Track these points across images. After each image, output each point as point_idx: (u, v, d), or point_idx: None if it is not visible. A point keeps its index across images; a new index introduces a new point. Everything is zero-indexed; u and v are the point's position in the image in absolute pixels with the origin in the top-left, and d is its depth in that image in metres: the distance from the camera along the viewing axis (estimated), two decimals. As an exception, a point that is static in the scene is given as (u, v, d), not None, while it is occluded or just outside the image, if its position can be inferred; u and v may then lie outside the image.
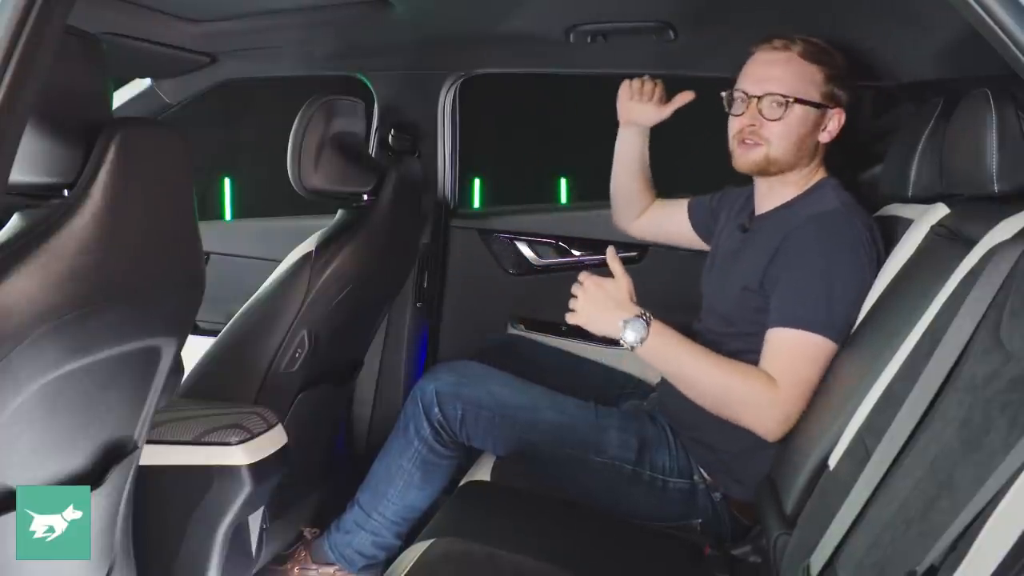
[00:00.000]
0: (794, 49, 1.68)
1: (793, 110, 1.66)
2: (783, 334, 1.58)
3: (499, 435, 1.77)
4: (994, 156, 1.28)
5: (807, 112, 1.67)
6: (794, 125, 1.67)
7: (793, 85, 1.67)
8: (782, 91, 1.66)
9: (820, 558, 1.19)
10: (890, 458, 1.13)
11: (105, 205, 0.97)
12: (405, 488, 1.85)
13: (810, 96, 1.67)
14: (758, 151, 1.70)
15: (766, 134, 1.68)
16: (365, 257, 1.88)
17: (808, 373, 1.56)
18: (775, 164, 1.70)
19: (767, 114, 1.67)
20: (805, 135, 1.69)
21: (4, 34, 0.85)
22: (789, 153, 1.69)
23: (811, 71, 1.67)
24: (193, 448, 1.42)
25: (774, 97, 1.66)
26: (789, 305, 1.59)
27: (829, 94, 1.69)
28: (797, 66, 1.67)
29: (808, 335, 1.56)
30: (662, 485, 1.75)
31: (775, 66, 1.68)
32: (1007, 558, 0.85)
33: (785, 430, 1.56)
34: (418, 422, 1.81)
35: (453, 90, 2.44)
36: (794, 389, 1.55)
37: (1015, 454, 0.89)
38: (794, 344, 1.57)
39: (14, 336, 0.89)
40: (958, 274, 1.20)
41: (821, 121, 1.69)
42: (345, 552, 1.89)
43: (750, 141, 1.70)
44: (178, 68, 2.32)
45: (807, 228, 1.64)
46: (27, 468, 1.01)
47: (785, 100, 1.66)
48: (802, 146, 1.69)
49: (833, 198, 1.69)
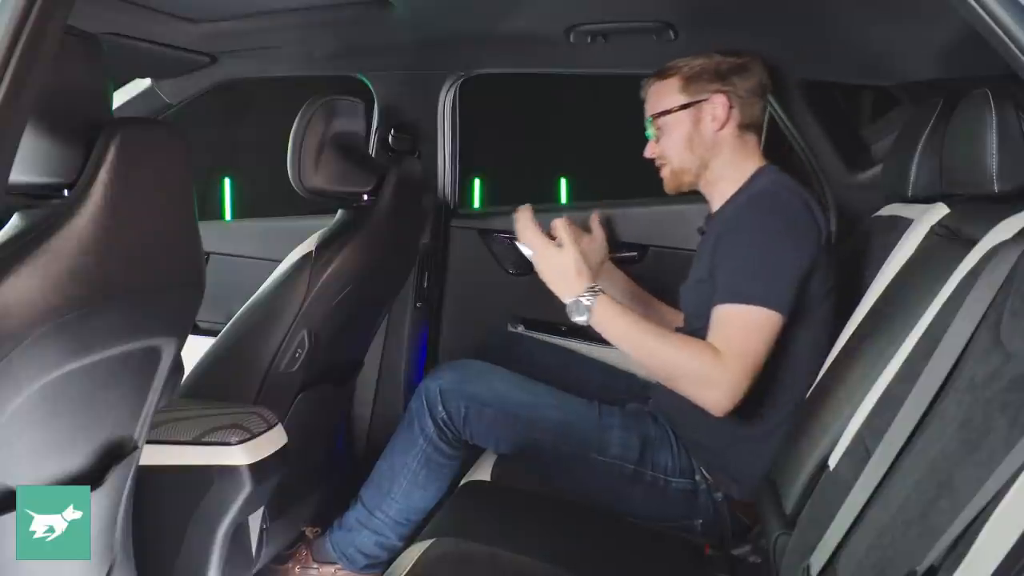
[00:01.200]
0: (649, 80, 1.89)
1: (663, 124, 1.84)
2: (724, 309, 1.62)
3: (502, 432, 1.77)
4: (994, 156, 1.28)
5: (675, 118, 1.82)
6: (672, 134, 1.83)
7: (654, 106, 1.86)
8: (649, 114, 1.87)
9: (820, 558, 1.19)
10: (890, 458, 1.13)
11: (105, 205, 0.97)
12: (409, 487, 1.85)
13: (671, 105, 1.82)
14: (665, 171, 1.87)
15: (662, 153, 1.86)
16: (365, 257, 1.88)
17: (752, 345, 1.59)
18: (685, 172, 1.84)
19: (654, 138, 1.86)
20: (689, 135, 1.82)
21: (4, 34, 0.85)
22: (686, 157, 1.83)
23: (664, 86, 1.84)
24: (193, 448, 1.42)
25: (649, 121, 1.87)
26: (729, 282, 1.64)
27: (691, 91, 1.81)
28: (655, 90, 1.87)
29: (749, 308, 1.59)
30: (664, 485, 1.75)
31: (646, 100, 1.89)
32: (1007, 558, 0.85)
33: (733, 402, 1.59)
34: (422, 420, 1.81)
35: (453, 90, 2.44)
36: (739, 360, 1.58)
37: (1015, 454, 0.89)
38: (735, 318, 1.61)
39: (14, 336, 0.89)
40: (958, 274, 1.20)
41: (698, 115, 1.80)
42: (347, 551, 1.89)
43: (659, 165, 1.88)
44: (178, 68, 2.32)
45: (741, 209, 1.73)
46: (27, 468, 1.01)
47: (652, 119, 1.85)
48: (694, 145, 1.82)
49: (767, 182, 1.76)
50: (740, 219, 1.70)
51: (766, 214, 1.68)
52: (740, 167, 1.81)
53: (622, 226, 2.38)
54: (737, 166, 1.81)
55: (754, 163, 1.82)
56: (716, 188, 1.84)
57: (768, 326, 1.59)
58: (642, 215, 2.40)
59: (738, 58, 1.82)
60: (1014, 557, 0.85)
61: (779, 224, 1.65)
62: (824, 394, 1.52)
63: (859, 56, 1.88)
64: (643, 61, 2.18)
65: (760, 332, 1.59)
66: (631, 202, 2.47)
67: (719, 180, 1.82)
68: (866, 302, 1.56)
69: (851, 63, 1.95)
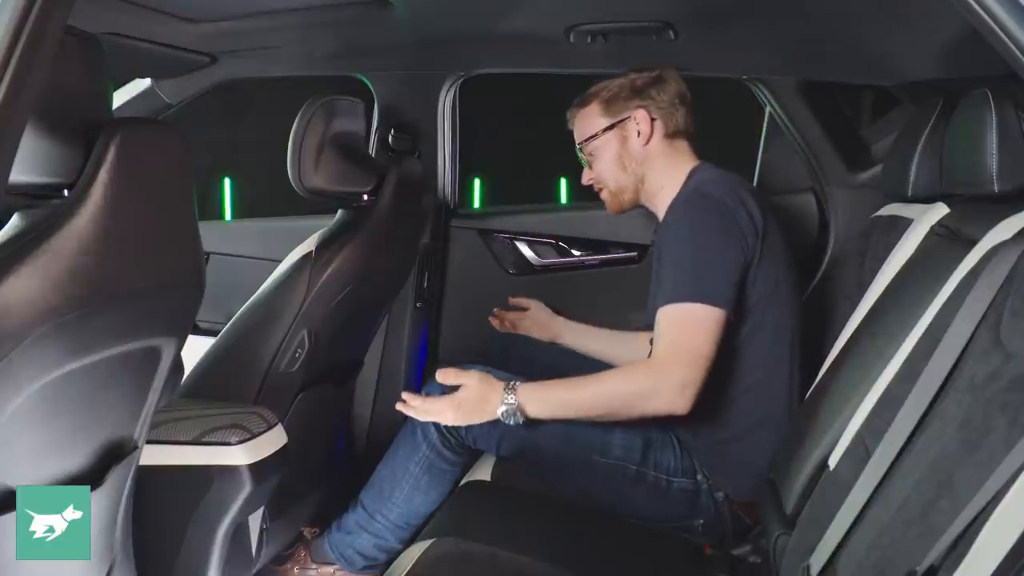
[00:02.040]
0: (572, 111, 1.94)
1: (593, 149, 1.88)
2: (664, 311, 1.65)
3: (504, 436, 1.77)
4: (994, 156, 1.28)
5: (602, 141, 1.87)
6: (603, 156, 1.87)
7: (581, 133, 1.91)
8: (578, 142, 1.92)
9: (820, 558, 1.19)
10: (890, 458, 1.13)
11: (105, 205, 0.97)
12: (411, 492, 1.84)
13: (595, 129, 1.87)
14: (604, 194, 1.92)
15: (597, 177, 1.91)
16: (365, 257, 1.88)
17: (691, 340, 1.61)
18: (623, 191, 1.89)
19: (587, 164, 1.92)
20: (618, 154, 1.86)
21: (4, 34, 0.85)
22: (621, 176, 1.88)
23: (586, 113, 1.90)
24: (193, 448, 1.42)
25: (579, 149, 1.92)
26: (667, 284, 1.67)
27: (612, 112, 1.86)
28: (577, 119, 1.92)
29: (685, 306, 1.62)
30: (666, 485, 1.75)
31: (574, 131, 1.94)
32: (1007, 558, 0.85)
33: (687, 398, 1.60)
34: (425, 426, 1.80)
35: (453, 90, 2.44)
36: (675, 358, 1.61)
37: (1015, 454, 0.89)
38: (672, 318, 1.63)
39: (14, 336, 0.89)
40: (958, 274, 1.20)
41: (623, 134, 1.85)
42: (346, 552, 1.89)
43: (597, 190, 1.93)
44: (178, 68, 2.32)
45: (676, 211, 1.75)
46: (27, 468, 1.01)
47: (582, 147, 1.90)
48: (625, 163, 1.86)
49: (699, 181, 1.79)
50: (675, 221, 1.73)
51: (699, 213, 1.70)
52: (674, 173, 1.83)
53: (622, 226, 2.38)
54: (671, 173, 1.84)
55: (687, 165, 1.84)
56: (658, 199, 1.86)
57: (708, 320, 1.61)
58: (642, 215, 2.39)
59: (651, 72, 1.87)
60: (1014, 557, 0.85)
61: (712, 221, 1.68)
62: (824, 394, 1.52)
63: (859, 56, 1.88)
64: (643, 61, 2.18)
65: (699, 326, 1.61)
66: (631, 202, 2.47)
67: (658, 191, 1.86)
68: (866, 302, 1.56)
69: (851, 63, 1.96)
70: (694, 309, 1.62)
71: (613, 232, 2.38)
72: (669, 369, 1.61)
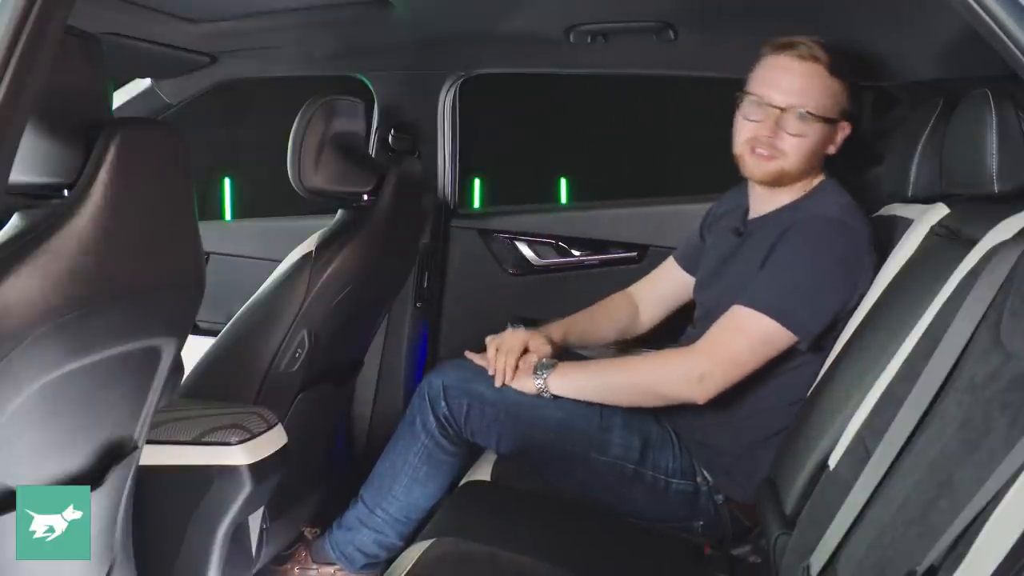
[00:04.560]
0: (822, 61, 1.63)
1: (814, 127, 1.65)
2: (736, 309, 1.60)
3: (503, 431, 1.77)
4: (994, 156, 1.28)
5: (825, 128, 1.66)
6: (814, 141, 1.66)
7: (820, 101, 1.63)
8: (810, 108, 1.63)
9: (820, 558, 1.19)
10: (890, 458, 1.13)
11: (105, 205, 0.97)
12: (410, 484, 1.84)
13: (832, 113, 1.66)
14: (773, 164, 1.67)
15: (783, 147, 1.65)
16: (365, 257, 1.88)
17: (737, 346, 1.58)
18: (787, 176, 1.71)
19: (789, 128, 1.64)
20: (819, 150, 1.69)
21: (4, 34, 0.85)
22: (802, 167, 1.70)
23: (836, 87, 1.65)
24: (193, 448, 1.42)
25: (800, 113, 1.63)
26: (760, 289, 1.60)
27: (845, 110, 1.68)
28: (825, 81, 1.64)
29: (758, 316, 1.57)
30: (664, 486, 1.75)
31: (804, 79, 1.64)
32: (1007, 558, 0.85)
33: (705, 389, 1.59)
34: (424, 416, 1.81)
35: (453, 90, 2.44)
36: (709, 350, 1.59)
37: (1015, 454, 0.89)
38: (737, 320, 1.59)
39: (14, 336, 0.89)
40: (958, 274, 1.20)
41: (832, 135, 1.70)
42: (346, 550, 1.89)
43: (765, 153, 1.67)
44: (178, 68, 2.32)
45: (807, 228, 1.63)
46: (27, 468, 1.01)
47: (812, 117, 1.63)
48: (814, 160, 1.70)
49: (834, 203, 1.69)
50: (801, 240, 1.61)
51: (829, 248, 1.60)
52: (810, 180, 1.74)
53: (622, 226, 2.38)
54: (809, 180, 1.74)
55: (820, 176, 1.75)
56: (781, 194, 1.73)
57: (772, 338, 1.57)
58: (642, 215, 2.40)
59: None
60: (1014, 557, 0.85)
61: (837, 263, 1.59)
62: (824, 394, 1.52)
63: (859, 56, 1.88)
64: (643, 61, 2.18)
65: (757, 339, 1.58)
66: (631, 202, 2.47)
67: (790, 189, 1.73)
68: (866, 302, 1.56)
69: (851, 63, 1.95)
70: (765, 323, 1.56)
71: (613, 232, 2.38)
72: (699, 359, 1.59)
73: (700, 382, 1.59)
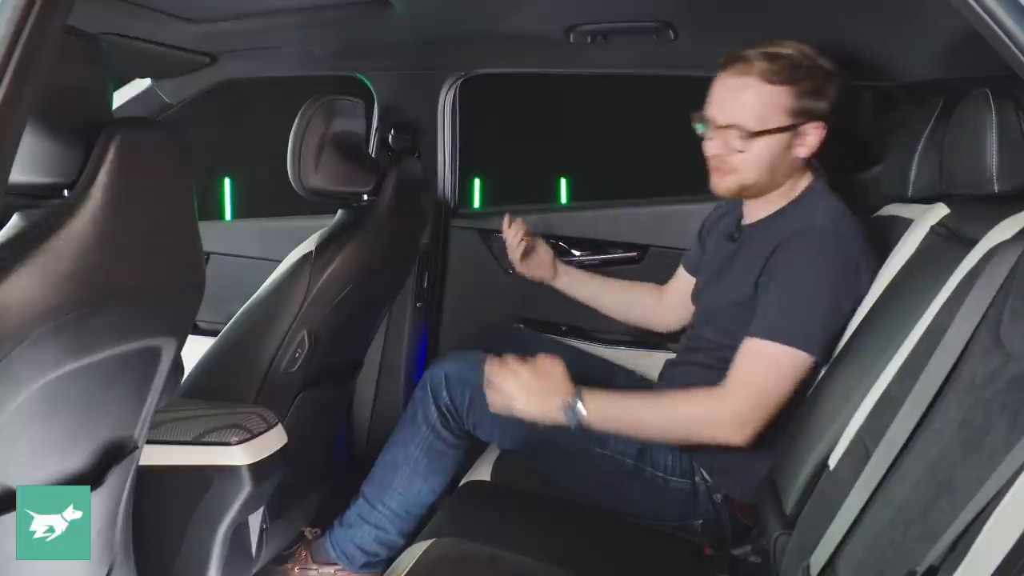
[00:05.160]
0: (759, 72, 1.60)
1: (758, 141, 1.62)
2: (756, 344, 1.59)
3: (504, 422, 1.77)
4: (994, 156, 1.28)
5: (774, 139, 1.63)
6: (762, 155, 1.64)
7: (756, 115, 1.61)
8: (743, 123, 1.61)
9: (820, 558, 1.19)
10: (890, 458, 1.13)
11: (105, 205, 0.97)
12: (411, 476, 1.85)
13: (776, 123, 1.61)
14: (730, 179, 1.68)
15: (734, 163, 1.66)
16: (365, 257, 1.88)
17: (769, 381, 1.57)
18: (750, 189, 1.70)
19: (733, 145, 1.64)
20: (776, 159, 1.66)
21: (4, 34, 0.85)
22: (762, 178, 1.68)
23: (776, 94, 1.61)
24: (193, 448, 1.42)
25: (736, 130, 1.62)
26: (771, 317, 1.59)
27: (800, 111, 1.62)
28: (759, 93, 1.61)
29: (777, 346, 1.56)
30: (663, 483, 1.75)
31: (738, 94, 1.62)
32: (1007, 558, 0.85)
33: (747, 433, 1.58)
34: (426, 407, 1.82)
35: (453, 90, 2.44)
36: (744, 392, 1.57)
37: (1015, 454, 0.89)
38: (759, 353, 1.58)
39: (14, 336, 0.89)
40: (958, 274, 1.20)
41: (793, 141, 1.65)
42: (346, 548, 1.89)
43: (720, 169, 1.68)
44: (178, 68, 2.32)
45: (799, 242, 1.61)
46: (27, 468, 1.01)
47: (749, 133, 1.61)
48: (776, 169, 1.67)
49: (825, 211, 1.67)
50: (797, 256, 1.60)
51: (826, 258, 1.59)
52: (795, 184, 1.73)
53: (622, 226, 2.38)
54: (793, 184, 1.72)
55: (806, 179, 1.73)
56: (764, 201, 1.73)
57: (795, 366, 1.57)
58: (642, 215, 2.40)
59: (828, 63, 1.64)
60: (1014, 557, 0.85)
61: (837, 271, 1.58)
62: (824, 394, 1.52)
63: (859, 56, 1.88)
64: (643, 61, 2.18)
65: (784, 370, 1.57)
66: (631, 202, 2.47)
67: (773, 197, 1.73)
68: (866, 302, 1.56)
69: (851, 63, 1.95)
70: (786, 352, 1.55)
71: (613, 232, 2.38)
72: (736, 402, 1.57)
73: (742, 427, 1.57)
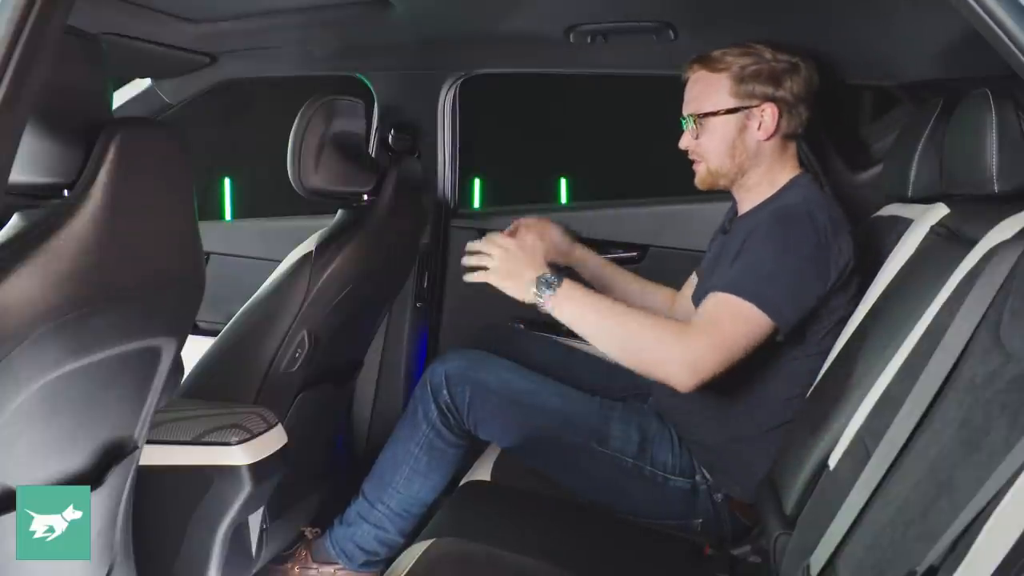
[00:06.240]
0: (703, 66, 1.76)
1: (706, 125, 1.75)
2: (716, 296, 1.58)
3: (504, 419, 1.77)
4: (994, 156, 1.28)
5: (723, 121, 1.73)
6: (717, 136, 1.74)
7: (701, 101, 1.76)
8: (692, 111, 1.76)
9: (820, 558, 1.19)
10: (890, 458, 1.13)
11: (105, 205, 0.97)
12: (411, 475, 1.85)
13: (720, 105, 1.73)
14: (701, 168, 1.79)
15: (700, 151, 1.78)
16: (365, 257, 1.88)
17: (729, 331, 1.54)
18: (720, 175, 1.77)
19: (699, 134, 1.76)
20: (733, 140, 1.74)
21: (4, 34, 0.85)
22: (725, 162, 1.75)
23: (715, 81, 1.74)
24: (193, 448, 1.42)
25: (691, 117, 1.76)
26: (736, 277, 1.59)
27: (747, 93, 1.72)
28: (707, 82, 1.75)
29: (743, 302, 1.55)
30: (663, 482, 1.75)
31: (692, 87, 1.78)
32: (1007, 558, 0.85)
33: (693, 379, 1.53)
34: (426, 405, 1.82)
35: (453, 90, 2.44)
36: (706, 338, 1.54)
37: (1015, 454, 0.89)
38: (723, 304, 1.57)
39: (14, 336, 0.89)
40: (958, 274, 1.20)
41: (746, 123, 1.73)
42: (346, 547, 1.89)
43: (694, 159, 1.80)
44: (178, 68, 2.32)
45: (772, 219, 1.65)
46: (27, 468, 1.01)
47: (695, 117, 1.75)
48: (736, 151, 1.74)
49: (800, 195, 1.70)
50: (773, 232, 1.62)
51: (800, 235, 1.60)
52: (776, 176, 1.75)
53: (622, 226, 2.38)
54: (774, 176, 1.75)
55: (790, 172, 1.76)
56: (749, 192, 1.78)
57: (755, 325, 1.55)
58: (642, 215, 2.40)
59: (791, 56, 1.72)
60: (1014, 557, 0.85)
61: (808, 248, 1.59)
62: (824, 394, 1.52)
63: (859, 56, 1.88)
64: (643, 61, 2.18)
65: (744, 324, 1.55)
66: (631, 202, 2.47)
67: (754, 187, 1.77)
68: (866, 302, 1.56)
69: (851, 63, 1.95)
70: (748, 307, 1.54)
71: (613, 232, 2.38)
72: (694, 342, 1.54)
73: (692, 370, 1.53)
